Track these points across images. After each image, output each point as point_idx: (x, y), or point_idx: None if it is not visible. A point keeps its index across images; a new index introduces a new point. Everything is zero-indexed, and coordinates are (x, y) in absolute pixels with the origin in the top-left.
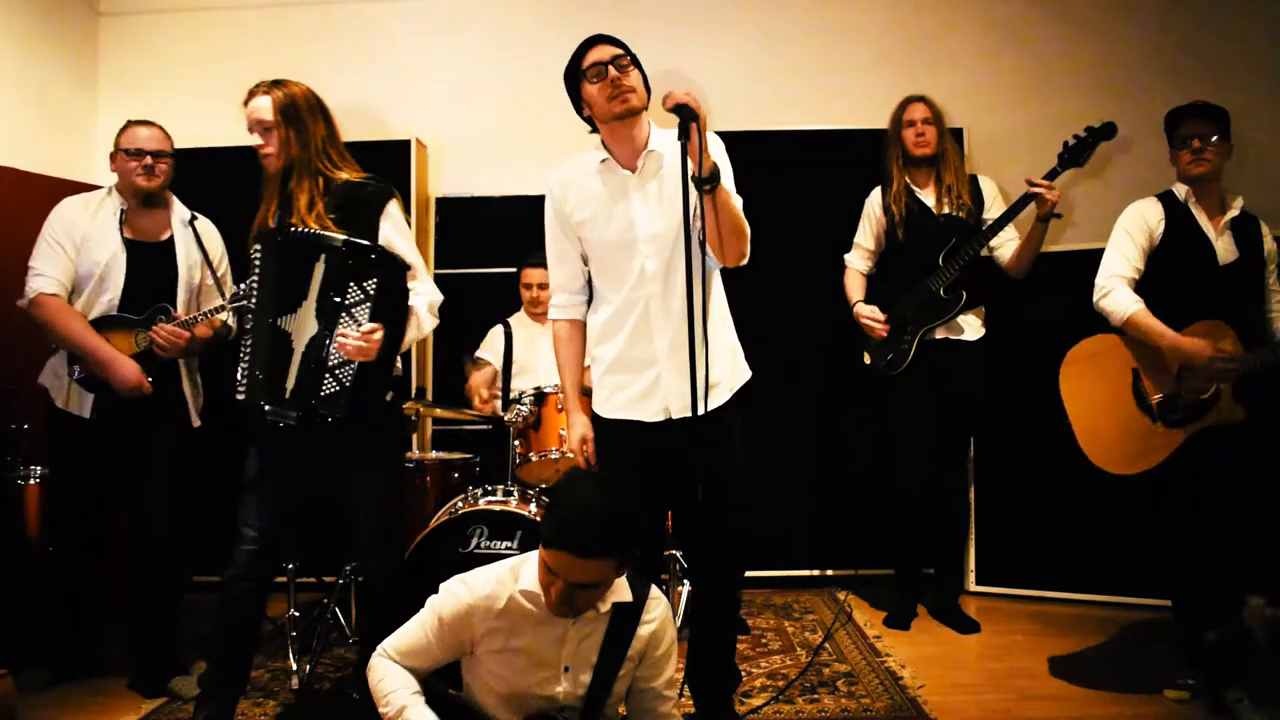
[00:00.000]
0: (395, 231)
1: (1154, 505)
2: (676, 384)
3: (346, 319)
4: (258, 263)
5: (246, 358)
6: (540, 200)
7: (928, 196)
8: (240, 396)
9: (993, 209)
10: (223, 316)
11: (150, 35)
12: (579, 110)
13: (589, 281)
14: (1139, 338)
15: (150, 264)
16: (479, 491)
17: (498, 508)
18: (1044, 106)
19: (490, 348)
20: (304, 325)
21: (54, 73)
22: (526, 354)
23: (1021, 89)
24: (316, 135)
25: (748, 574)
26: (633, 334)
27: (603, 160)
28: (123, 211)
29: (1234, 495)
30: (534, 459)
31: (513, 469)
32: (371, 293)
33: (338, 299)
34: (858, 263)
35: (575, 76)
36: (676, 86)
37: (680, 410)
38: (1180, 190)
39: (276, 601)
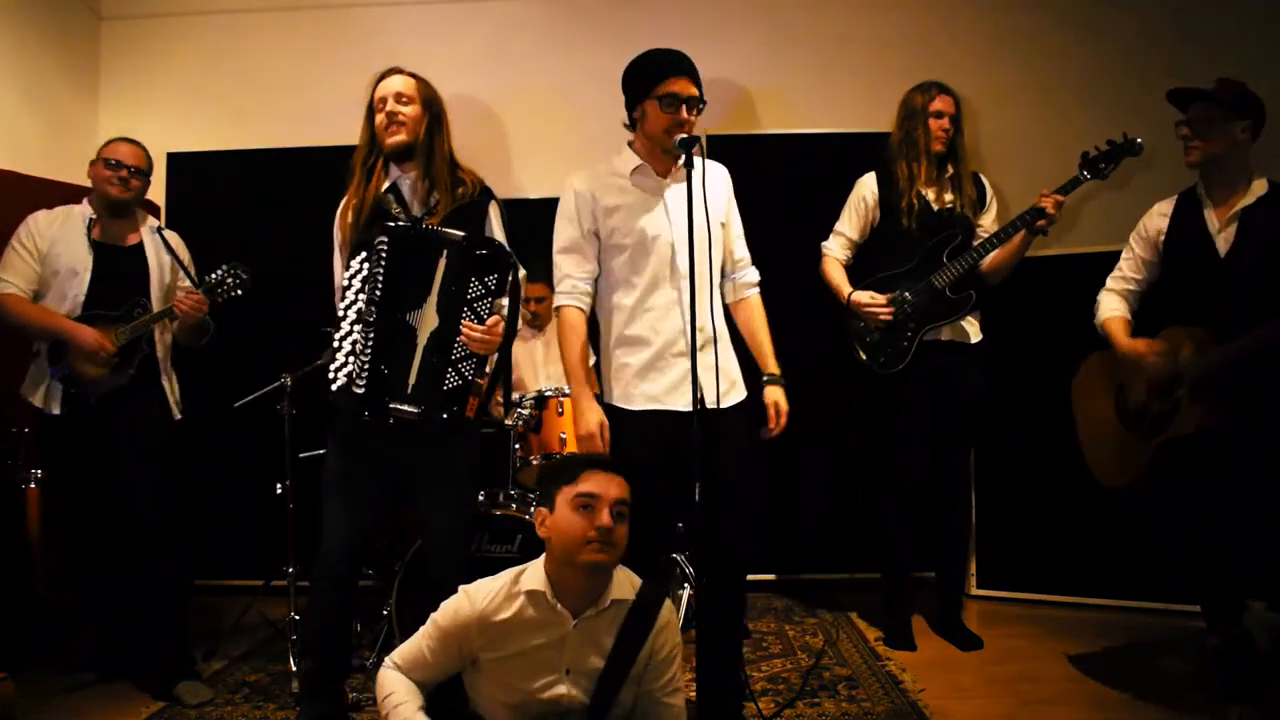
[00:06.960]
0: (498, 229)
1: (1151, 516)
2: (707, 376)
3: (468, 313)
4: (384, 257)
5: (367, 353)
6: (536, 204)
7: (928, 190)
8: (359, 390)
9: (990, 208)
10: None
11: (151, 39)
12: (630, 109)
13: (597, 276)
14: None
15: (121, 266)
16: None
17: (498, 512)
18: (1050, 110)
19: None
20: (427, 320)
21: (55, 76)
22: (522, 360)
23: (1026, 93)
24: (447, 142)
25: (749, 577)
26: (666, 327)
27: (636, 167)
28: (91, 220)
29: (1227, 501)
30: (534, 462)
31: (513, 473)
32: (493, 287)
33: (458, 293)
34: (838, 252)
35: (644, 85)
36: None
37: (712, 401)
38: (1201, 184)
39: (276, 604)
